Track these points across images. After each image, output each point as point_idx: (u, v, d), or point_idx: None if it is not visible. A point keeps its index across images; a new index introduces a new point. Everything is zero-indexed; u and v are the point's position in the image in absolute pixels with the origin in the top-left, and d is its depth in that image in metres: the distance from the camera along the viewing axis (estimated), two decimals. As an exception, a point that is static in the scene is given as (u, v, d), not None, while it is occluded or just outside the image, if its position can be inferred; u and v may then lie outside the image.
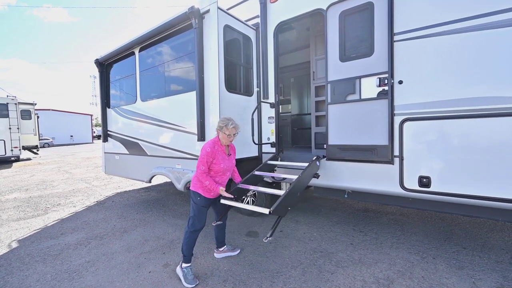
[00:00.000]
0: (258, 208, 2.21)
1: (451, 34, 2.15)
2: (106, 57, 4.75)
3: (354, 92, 2.65)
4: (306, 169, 2.64)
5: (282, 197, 2.19)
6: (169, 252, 2.77)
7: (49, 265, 2.59)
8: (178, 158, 3.59)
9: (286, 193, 2.26)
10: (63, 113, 33.49)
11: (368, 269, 2.30)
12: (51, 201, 5.09)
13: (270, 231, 2.04)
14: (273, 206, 2.07)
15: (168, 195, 5.28)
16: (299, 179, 2.48)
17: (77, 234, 3.37)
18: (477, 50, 2.06)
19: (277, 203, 2.12)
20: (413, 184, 2.38)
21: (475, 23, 2.05)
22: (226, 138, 2.24)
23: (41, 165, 11.08)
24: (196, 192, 2.28)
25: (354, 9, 2.64)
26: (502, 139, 1.99)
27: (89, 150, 19.99)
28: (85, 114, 36.87)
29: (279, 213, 2.14)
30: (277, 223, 2.15)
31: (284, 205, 2.22)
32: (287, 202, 2.25)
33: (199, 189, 2.26)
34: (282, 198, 2.19)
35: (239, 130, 2.28)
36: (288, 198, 2.26)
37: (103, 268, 2.48)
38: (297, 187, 2.46)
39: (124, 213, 4.17)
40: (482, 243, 2.72)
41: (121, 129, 4.70)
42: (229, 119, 2.23)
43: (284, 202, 2.20)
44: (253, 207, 2.29)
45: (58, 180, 7.40)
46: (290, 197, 2.32)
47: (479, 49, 2.05)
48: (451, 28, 2.14)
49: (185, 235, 2.29)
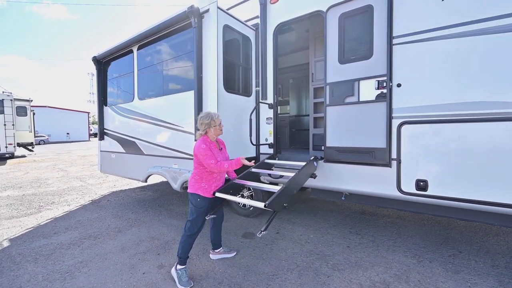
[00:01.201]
0: (253, 202, 2.22)
1: (450, 39, 2.16)
2: (104, 54, 4.71)
3: (352, 94, 2.65)
4: (303, 168, 2.63)
5: (278, 192, 2.19)
6: (164, 253, 2.74)
7: (41, 265, 2.54)
8: (175, 158, 3.56)
9: (282, 189, 2.25)
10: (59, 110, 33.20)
11: (365, 273, 2.29)
12: (45, 199, 5.02)
13: (265, 225, 2.04)
14: (268, 200, 2.06)
15: (164, 195, 5.23)
16: (295, 176, 2.47)
17: (71, 233, 3.31)
18: (475, 54, 2.07)
19: (273, 197, 2.11)
20: (410, 187, 2.38)
21: (473, 28, 2.06)
22: (219, 129, 2.26)
23: (36, 162, 10.94)
24: (195, 194, 2.23)
25: (354, 12, 2.64)
26: (498, 144, 2.00)
27: (86, 148, 19.82)
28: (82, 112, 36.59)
29: (274, 208, 2.12)
30: (272, 218, 2.14)
31: (280, 200, 2.20)
32: (282, 197, 2.24)
33: (198, 190, 2.23)
34: (278, 192, 2.18)
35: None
36: (284, 193, 2.26)
37: (96, 269, 2.44)
38: (294, 185, 2.45)
39: (119, 213, 4.12)
40: (478, 247, 2.73)
41: (118, 127, 4.65)
42: (208, 112, 2.27)
43: (280, 197, 2.19)
44: (248, 200, 2.28)
45: (52, 178, 7.30)
46: (286, 193, 2.31)
47: (477, 54, 2.06)
48: (450, 33, 2.16)
49: (182, 238, 2.25)
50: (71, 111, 34.74)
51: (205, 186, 2.25)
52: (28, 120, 13.18)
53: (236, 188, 2.48)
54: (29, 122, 13.22)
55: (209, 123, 2.21)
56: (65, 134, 32.44)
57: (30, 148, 14.06)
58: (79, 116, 35.24)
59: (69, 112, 34.29)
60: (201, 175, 2.25)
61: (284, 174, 2.77)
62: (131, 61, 4.26)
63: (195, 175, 2.27)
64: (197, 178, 2.26)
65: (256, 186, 2.61)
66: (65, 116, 33.05)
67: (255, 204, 2.16)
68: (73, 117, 34.18)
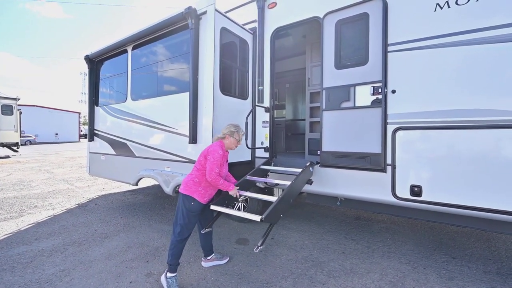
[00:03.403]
0: (250, 215, 2.13)
1: (443, 47, 2.22)
2: (97, 53, 4.60)
3: (348, 99, 2.67)
4: (300, 175, 2.60)
5: (274, 204, 2.13)
6: (153, 260, 2.62)
7: (18, 274, 2.37)
8: (167, 161, 3.46)
9: (279, 200, 2.19)
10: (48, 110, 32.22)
11: (360, 280, 2.25)
12: (27, 202, 4.77)
13: (261, 240, 1.97)
14: (265, 213, 2.01)
15: (156, 199, 5.08)
16: (292, 185, 2.43)
17: (53, 239, 3.14)
18: (468, 63, 2.12)
19: (269, 210, 2.05)
20: (405, 193, 2.38)
21: (466, 38, 2.12)
22: (235, 144, 2.32)
23: (20, 163, 10.48)
24: (189, 197, 2.15)
25: (350, 19, 2.69)
26: (491, 151, 2.03)
27: (75, 149, 19.22)
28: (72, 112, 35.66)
29: (271, 220, 2.07)
30: (268, 231, 2.07)
31: (276, 212, 2.16)
32: (279, 209, 2.19)
33: (194, 193, 2.15)
34: (274, 205, 2.12)
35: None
36: (280, 204, 2.20)
37: (79, 278, 2.30)
38: (290, 194, 2.41)
39: (107, 217, 3.95)
40: (470, 253, 2.75)
41: (109, 128, 4.51)
42: (238, 125, 2.35)
43: (276, 209, 2.14)
44: (244, 213, 2.22)
45: (37, 180, 6.99)
46: (283, 204, 2.26)
47: (470, 62, 2.11)
48: (443, 42, 2.21)
49: (172, 244, 2.15)
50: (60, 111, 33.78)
51: (202, 191, 2.18)
52: (14, 119, 12.69)
53: (230, 198, 2.41)
54: (15, 121, 12.73)
55: (233, 132, 2.29)
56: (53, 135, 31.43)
57: (15, 149, 13.50)
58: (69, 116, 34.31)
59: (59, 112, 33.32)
60: (201, 179, 2.18)
61: (280, 183, 2.71)
62: (125, 61, 4.17)
63: (195, 177, 2.20)
64: (197, 181, 2.19)
65: (252, 197, 2.54)
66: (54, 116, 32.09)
67: (251, 217, 2.10)
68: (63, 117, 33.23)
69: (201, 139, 3.03)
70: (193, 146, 3.10)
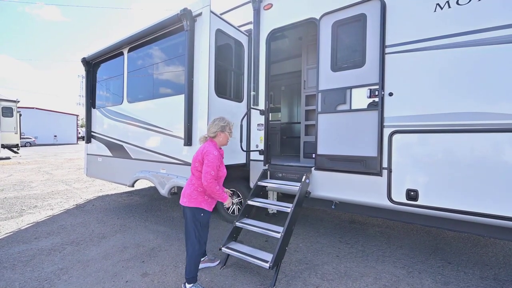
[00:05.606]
0: (257, 261, 2.18)
1: (441, 49, 2.17)
2: (93, 56, 4.60)
3: (344, 102, 2.65)
4: (299, 194, 2.60)
5: (278, 247, 2.18)
6: (149, 260, 2.62)
7: (18, 271, 2.41)
8: (163, 163, 3.46)
9: (282, 237, 2.24)
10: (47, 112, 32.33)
11: (354, 283, 2.23)
12: (27, 202, 4.79)
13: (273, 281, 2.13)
14: (271, 259, 2.09)
15: (152, 200, 5.08)
16: (293, 211, 2.46)
17: (52, 239, 3.16)
18: (467, 65, 2.08)
19: (275, 254, 2.12)
20: (400, 197, 2.36)
21: (464, 39, 2.08)
22: (228, 138, 2.18)
23: (20, 164, 10.53)
24: (199, 209, 2.02)
25: (347, 20, 2.66)
26: (488, 155, 2.00)
27: (73, 151, 19.31)
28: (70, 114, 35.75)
29: (278, 262, 2.16)
30: (277, 272, 2.18)
31: (282, 251, 2.23)
32: (283, 246, 2.26)
33: (202, 204, 2.03)
34: (278, 247, 2.17)
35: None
36: (285, 240, 2.27)
37: (76, 276, 2.33)
38: (292, 222, 2.43)
39: (104, 218, 3.96)
40: (467, 258, 2.72)
41: (106, 130, 4.51)
42: (223, 117, 2.19)
43: (281, 248, 2.21)
44: (252, 259, 2.23)
45: (37, 181, 7.02)
46: (287, 238, 2.31)
47: (469, 65, 2.07)
48: (442, 43, 2.17)
49: (191, 260, 2.02)
50: (59, 113, 33.85)
51: (208, 199, 2.08)
52: (14, 121, 12.76)
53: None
54: (15, 123, 12.80)
55: (224, 127, 2.11)
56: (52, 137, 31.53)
57: (16, 150, 13.58)
58: (68, 119, 34.41)
59: (57, 114, 33.40)
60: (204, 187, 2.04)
61: (281, 209, 2.66)
62: (121, 63, 4.17)
63: (198, 187, 2.03)
64: (200, 190, 2.03)
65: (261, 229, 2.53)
66: (53, 118, 32.18)
67: (259, 263, 2.15)
68: (61, 119, 33.33)
69: (196, 141, 3.02)
70: (188, 148, 3.09)
